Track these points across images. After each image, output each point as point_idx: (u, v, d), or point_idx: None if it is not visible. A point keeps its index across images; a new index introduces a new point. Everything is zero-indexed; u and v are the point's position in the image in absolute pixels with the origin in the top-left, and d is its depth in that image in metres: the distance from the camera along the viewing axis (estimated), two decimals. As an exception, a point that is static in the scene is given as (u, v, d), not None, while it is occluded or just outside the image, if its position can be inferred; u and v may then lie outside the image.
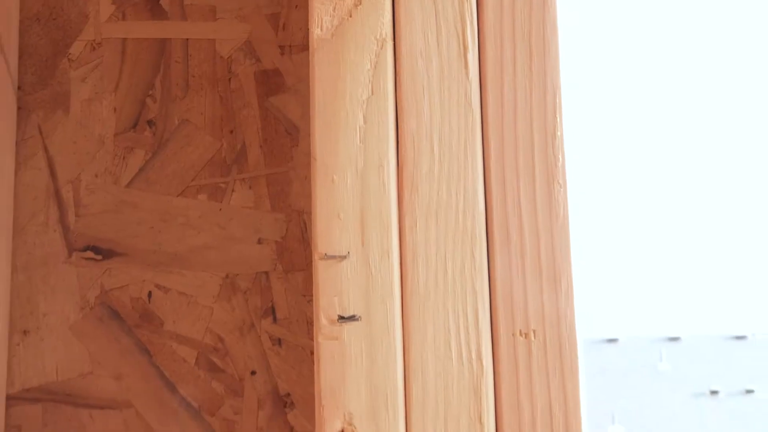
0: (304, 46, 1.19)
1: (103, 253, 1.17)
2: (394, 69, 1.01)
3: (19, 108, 1.21)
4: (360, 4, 1.01)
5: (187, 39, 1.22)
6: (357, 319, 0.95)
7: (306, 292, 1.13)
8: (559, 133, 0.99)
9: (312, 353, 1.11)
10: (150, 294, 1.16)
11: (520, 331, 0.95)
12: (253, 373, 1.13)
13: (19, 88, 1.21)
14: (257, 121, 1.20)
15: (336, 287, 0.95)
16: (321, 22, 1.00)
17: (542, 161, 0.99)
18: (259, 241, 1.16)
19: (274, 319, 1.14)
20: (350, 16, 1.00)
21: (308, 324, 1.13)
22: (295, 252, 1.15)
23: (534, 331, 0.95)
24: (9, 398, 1.14)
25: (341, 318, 0.94)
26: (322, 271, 0.96)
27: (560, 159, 0.99)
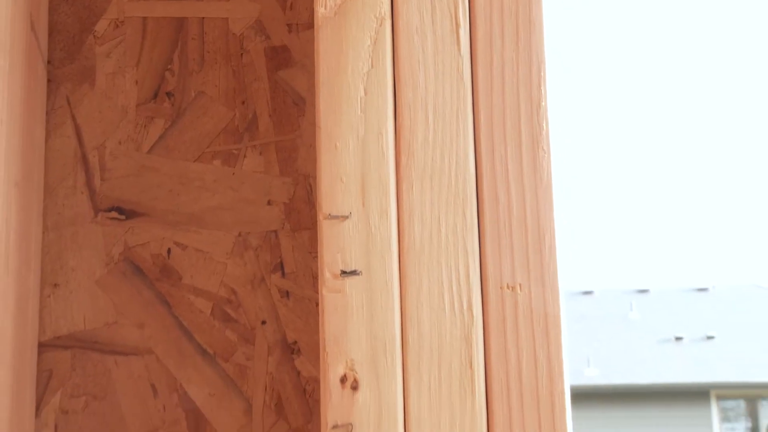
0: (310, 24, 1.18)
1: (126, 213, 1.16)
2: (392, 45, 1.01)
3: (48, 81, 1.20)
4: (361, -16, 1.00)
5: (203, 17, 1.21)
6: (358, 274, 0.94)
7: (312, 249, 1.13)
8: (543, 104, 0.99)
9: (317, 305, 1.11)
10: (169, 251, 1.15)
11: (507, 284, 0.95)
12: (263, 322, 1.13)
13: (48, 62, 1.20)
14: (267, 93, 1.19)
15: (339, 244, 0.95)
16: (325, 1, 1.00)
17: (528, 129, 0.98)
18: (269, 203, 1.15)
19: (283, 274, 1.14)
20: (352, -4, 1.00)
21: (313, 278, 1.13)
22: (301, 212, 1.15)
23: (520, 285, 0.95)
24: (41, 345, 1.14)
25: (344, 273, 0.94)
26: (326, 230, 0.96)
27: (544, 127, 0.98)
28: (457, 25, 1.00)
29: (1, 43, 1.05)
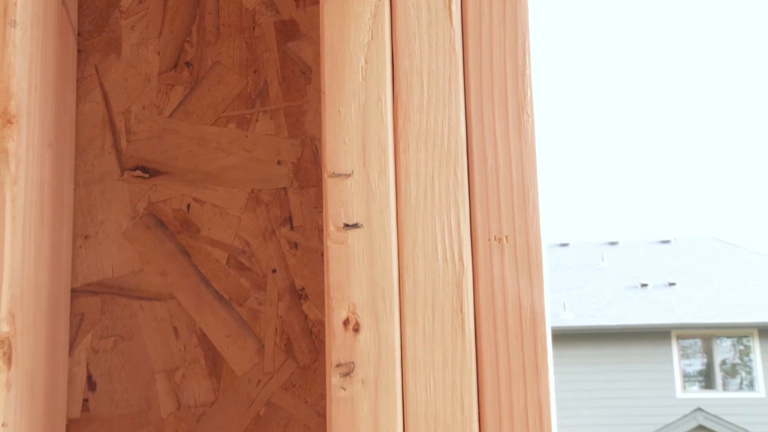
0: (316, 0, 1.16)
1: (149, 172, 1.15)
2: (391, 18, 0.99)
3: (79, 51, 1.19)
4: (362, -39, 0.99)
5: (218, -6, 1.20)
6: (359, 227, 0.93)
7: (317, 205, 1.12)
8: (528, 72, 0.98)
9: (322, 255, 1.10)
10: (189, 206, 1.14)
11: (495, 236, 0.94)
12: (273, 271, 1.12)
13: (78, 34, 1.19)
14: (277, 62, 1.17)
15: (342, 200, 0.94)
16: (329, -22, 0.98)
17: (514, 95, 0.97)
18: (279, 163, 1.14)
19: (291, 227, 1.12)
20: (354, -28, 0.99)
21: (319, 231, 1.12)
22: (308, 171, 1.13)
23: (506, 237, 0.94)
24: (74, 291, 1.13)
25: (346, 225, 0.93)
26: (331, 187, 0.95)
27: (528, 93, 0.97)
28: (450, 1, 0.99)
29: (35, 15, 1.04)
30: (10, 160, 0.97)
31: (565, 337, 20.16)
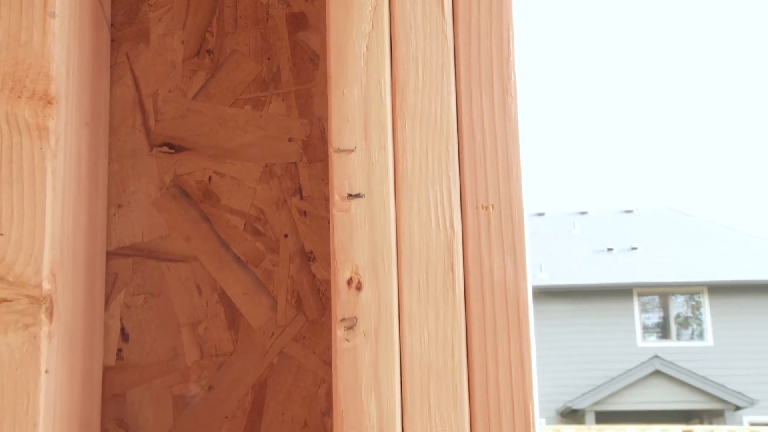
0: (323, -6, 1.15)
1: (175, 148, 1.13)
2: (389, 10, 0.97)
3: (112, 41, 1.17)
4: (364, -43, 0.97)
5: (236, -11, 1.18)
6: (361, 197, 0.92)
7: (324, 177, 1.10)
8: (511, 58, 0.96)
9: (328, 222, 1.08)
10: (210, 178, 1.12)
11: (482, 205, 0.92)
12: (285, 236, 1.10)
13: (111, 26, 1.17)
14: (288, 50, 1.15)
15: (346, 173, 0.93)
16: (334, -28, 0.97)
17: (499, 79, 0.95)
18: (290, 140, 1.12)
19: (301, 197, 1.11)
20: (356, -33, 0.98)
21: (325, 200, 1.10)
22: (316, 147, 1.12)
23: (492, 205, 0.92)
24: (108, 254, 1.11)
25: (350, 195, 0.92)
26: (336, 161, 0.94)
27: (512, 77, 0.96)
28: (443, -6, 0.98)
29: (72, 8, 1.02)
30: (51, 136, 0.95)
31: (541, 294, 20.30)
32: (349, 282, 0.90)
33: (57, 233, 0.95)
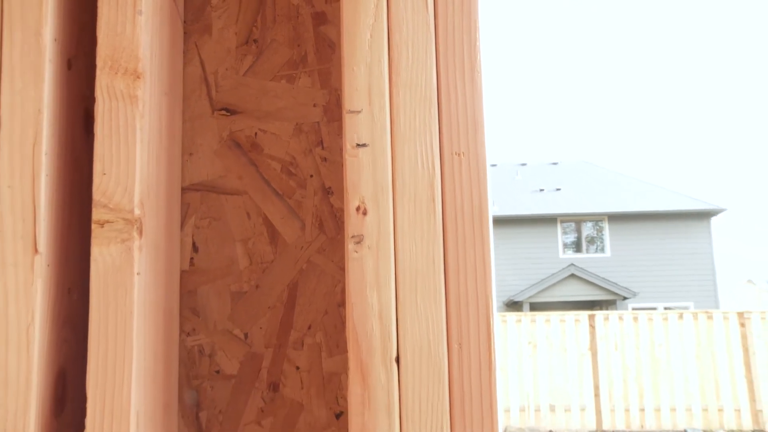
0: (338, -3, 1.08)
1: (230, 111, 1.07)
2: (387, 7, 0.91)
3: (184, 33, 1.10)
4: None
5: (274, -6, 1.11)
6: (366, 146, 0.87)
7: (339, 132, 1.05)
8: (477, 43, 0.90)
9: (342, 165, 1.03)
10: (256, 134, 1.07)
11: (455, 152, 0.87)
12: (311, 176, 1.05)
13: (184, 22, 1.10)
14: (312, 39, 1.08)
15: (355, 128, 0.88)
16: (346, -26, 0.91)
17: (468, 58, 0.90)
18: (314, 105, 1.06)
19: (322, 147, 1.05)
20: (362, -31, 0.92)
21: (340, 149, 1.05)
22: (333, 111, 1.06)
23: (463, 153, 0.87)
24: (183, 189, 1.07)
25: (358, 145, 0.87)
26: (348, 120, 0.88)
27: (478, 57, 0.90)
28: (427, -5, 0.91)
29: (154, 7, 0.96)
30: (139, 102, 0.90)
31: (493, 221, 20.43)
32: (358, 209, 0.86)
33: (144, 174, 0.91)
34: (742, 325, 12.34)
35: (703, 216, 22.43)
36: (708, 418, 12.07)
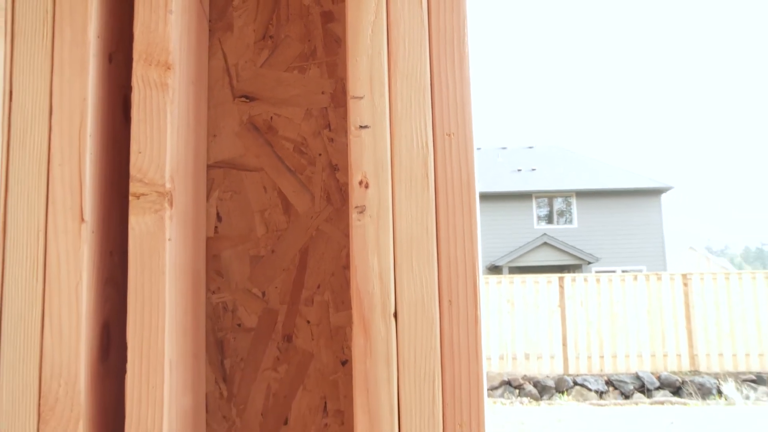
0: (343, -3, 1.05)
1: (249, 98, 1.05)
2: (386, 6, 0.88)
3: (209, 30, 1.07)
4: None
5: (288, -5, 1.08)
6: (368, 127, 0.84)
7: (344, 116, 1.02)
8: (466, 38, 0.87)
9: (347, 145, 1.01)
10: (272, 117, 1.04)
11: (446, 133, 0.84)
12: (320, 154, 1.03)
13: (209, 20, 1.07)
14: (321, 35, 1.05)
15: (358, 112, 0.85)
16: (349, -27, 0.88)
17: (457, 50, 0.86)
18: (323, 93, 1.03)
19: (330, 129, 1.03)
20: (364, -32, 0.88)
21: (345, 131, 1.02)
22: (339, 97, 1.03)
23: (453, 133, 0.84)
24: (208, 166, 1.04)
25: (360, 126, 0.84)
26: (352, 105, 0.85)
27: (466, 51, 0.87)
28: (422, -6, 0.88)
29: (183, 7, 0.93)
30: (169, 90, 0.88)
31: (479, 197, 20.44)
32: (360, 183, 0.84)
33: (174, 152, 0.89)
34: (685, 285, 12.57)
35: (654, 193, 22.44)
36: (655, 363, 12.36)
